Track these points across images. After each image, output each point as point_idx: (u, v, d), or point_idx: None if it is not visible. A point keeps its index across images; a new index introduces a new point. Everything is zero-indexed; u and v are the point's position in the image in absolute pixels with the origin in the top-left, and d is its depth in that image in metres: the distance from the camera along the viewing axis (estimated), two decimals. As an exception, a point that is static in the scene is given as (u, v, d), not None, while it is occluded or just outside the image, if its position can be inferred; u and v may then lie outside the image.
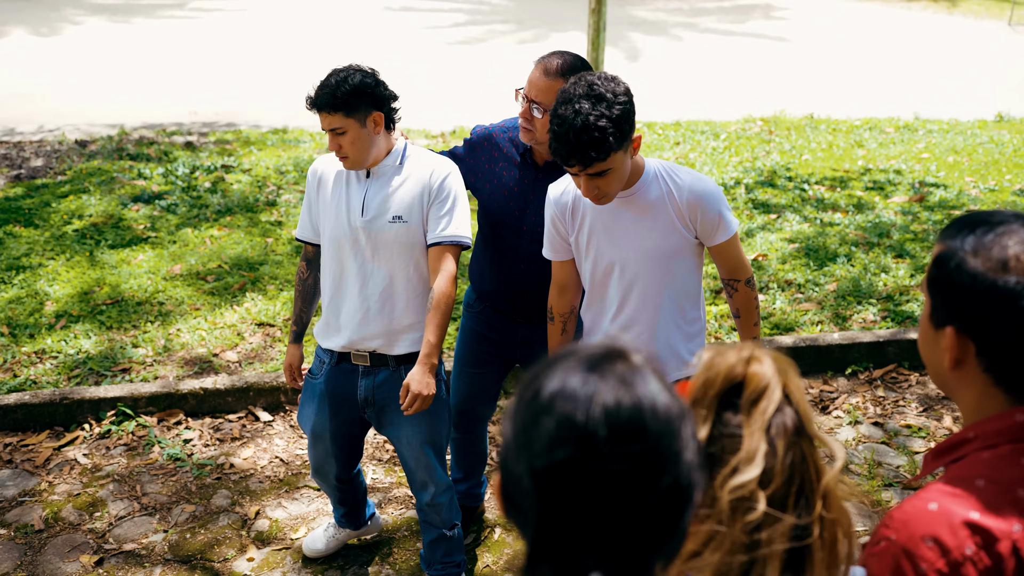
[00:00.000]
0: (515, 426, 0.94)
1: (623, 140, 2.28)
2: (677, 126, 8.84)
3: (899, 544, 1.17)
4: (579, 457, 0.88)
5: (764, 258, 5.69)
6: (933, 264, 1.29)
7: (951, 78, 11.61)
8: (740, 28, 15.41)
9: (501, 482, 0.97)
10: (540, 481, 0.89)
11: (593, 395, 0.90)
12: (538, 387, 0.93)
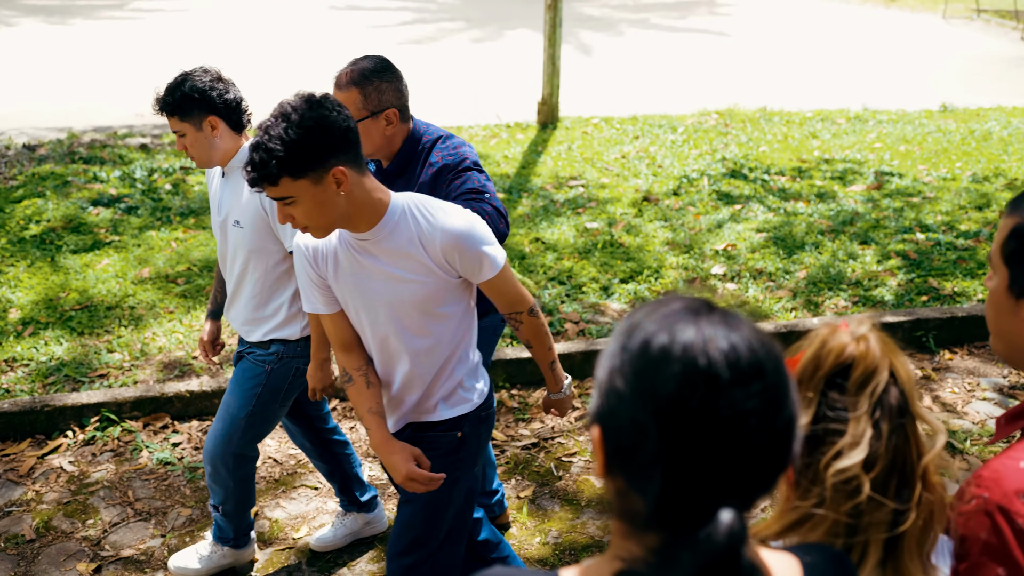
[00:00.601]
0: (630, 379, 0.95)
1: (299, 168, 2.03)
2: (634, 120, 8.92)
3: (993, 501, 1.20)
4: (709, 400, 0.91)
5: (734, 248, 5.78)
6: (1012, 237, 1.32)
7: (894, 70, 11.90)
8: (684, 24, 15.61)
9: (606, 434, 0.98)
10: (670, 428, 0.91)
11: (708, 340, 0.93)
12: (646, 339, 0.96)
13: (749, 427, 0.92)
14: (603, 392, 0.99)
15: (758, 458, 0.93)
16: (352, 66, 2.73)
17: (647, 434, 0.93)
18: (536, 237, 5.97)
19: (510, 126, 8.83)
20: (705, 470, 0.92)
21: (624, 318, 1.01)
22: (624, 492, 0.98)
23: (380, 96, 2.70)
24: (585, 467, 3.77)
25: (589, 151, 7.94)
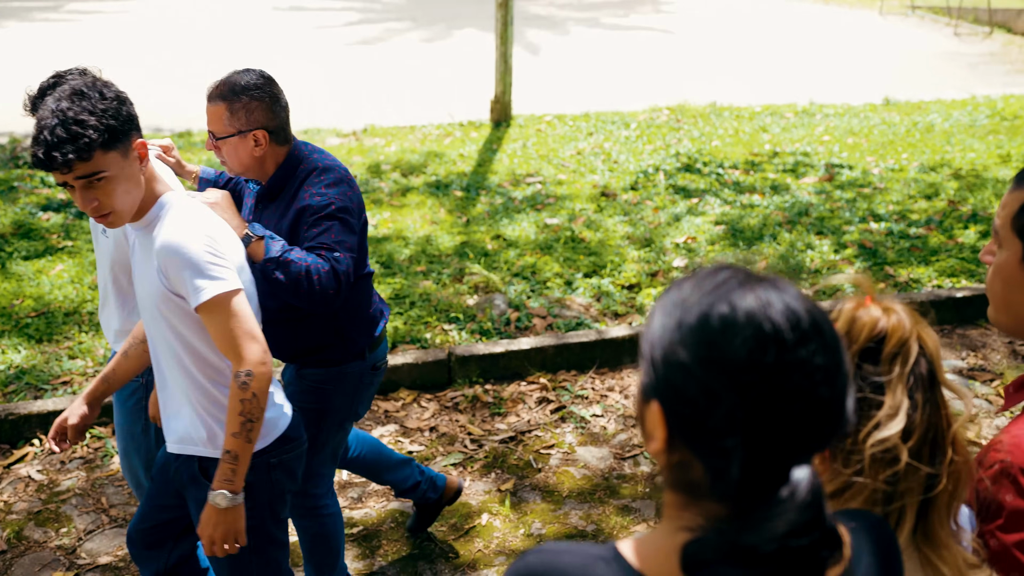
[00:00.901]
0: (696, 351, 0.97)
1: (113, 140, 2.01)
2: (587, 117, 8.98)
3: (1017, 464, 1.26)
4: (779, 361, 0.94)
5: (693, 240, 5.86)
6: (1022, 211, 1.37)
7: (837, 65, 12.15)
8: (629, 22, 15.75)
9: (669, 409, 0.99)
10: (745, 393, 0.94)
11: (767, 305, 0.96)
12: (705, 311, 0.98)
13: (816, 383, 0.95)
14: (660, 367, 1.00)
15: (824, 414, 0.96)
16: (225, 78, 2.57)
17: (720, 401, 0.95)
18: (497, 234, 5.99)
19: (463, 124, 8.82)
20: (780, 430, 0.95)
21: (666, 294, 1.03)
22: (685, 464, 1.00)
23: (248, 115, 2.53)
24: (563, 459, 3.80)
25: (544, 148, 7.97)
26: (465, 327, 4.72)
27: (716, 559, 0.95)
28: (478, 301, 5.02)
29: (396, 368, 4.22)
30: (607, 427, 4.01)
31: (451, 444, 3.88)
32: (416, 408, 4.12)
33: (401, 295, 5.09)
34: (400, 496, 3.23)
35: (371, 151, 7.85)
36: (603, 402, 4.19)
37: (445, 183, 7.03)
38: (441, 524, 3.40)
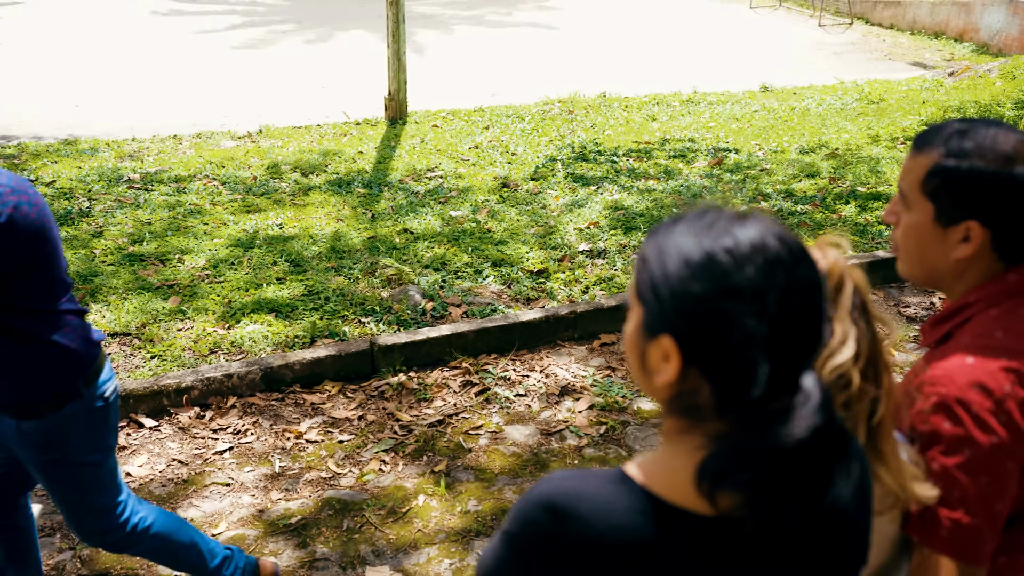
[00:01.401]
0: (710, 282, 1.07)
1: None
2: (481, 112, 9.12)
3: (951, 395, 1.41)
4: (787, 280, 1.06)
5: (596, 226, 6.06)
6: (932, 175, 1.52)
7: (716, 56, 12.62)
8: (513, 19, 15.96)
9: (683, 338, 1.08)
10: (762, 311, 1.05)
11: (764, 233, 1.08)
12: (710, 248, 1.08)
13: (814, 296, 1.08)
14: (671, 303, 1.09)
15: (821, 324, 1.09)
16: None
17: (738, 325, 1.04)
18: (404, 228, 6.06)
19: (359, 123, 8.85)
20: (794, 342, 1.06)
21: (654, 240, 1.13)
22: (692, 390, 1.09)
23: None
24: (492, 439, 3.92)
25: (442, 143, 8.07)
26: (382, 319, 4.79)
27: (733, 468, 1.05)
28: (392, 293, 5.09)
29: (319, 361, 4.26)
30: (531, 406, 4.15)
31: (380, 431, 3.95)
32: (342, 399, 4.18)
33: (314, 291, 5.12)
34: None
35: (268, 152, 7.80)
36: (525, 382, 4.32)
37: (347, 181, 7.05)
38: (378, 508, 3.48)
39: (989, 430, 1.39)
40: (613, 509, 1.12)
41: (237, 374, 4.14)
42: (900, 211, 1.60)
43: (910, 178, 1.55)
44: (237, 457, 3.79)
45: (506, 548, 1.19)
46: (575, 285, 5.25)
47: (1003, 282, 1.53)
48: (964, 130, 1.51)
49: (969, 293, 1.55)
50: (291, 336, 4.60)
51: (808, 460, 1.05)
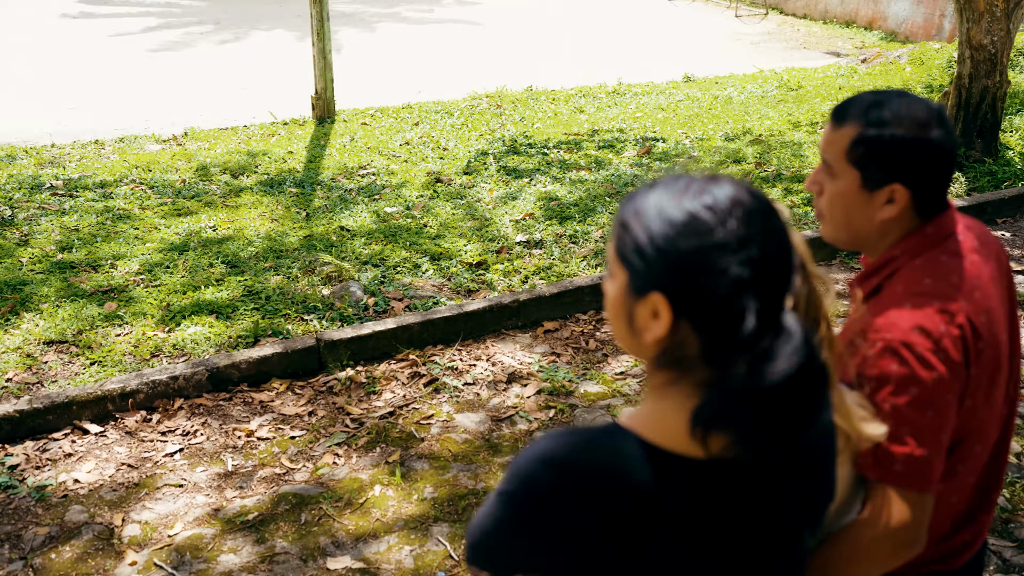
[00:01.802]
0: (696, 238, 1.14)
1: None
2: (410, 108, 9.12)
3: (896, 339, 1.54)
4: (765, 226, 1.15)
5: (531, 217, 6.14)
6: (857, 144, 1.63)
7: (638, 47, 12.81)
8: (435, 16, 15.95)
9: (673, 294, 1.15)
10: (746, 256, 1.13)
11: (737, 189, 1.17)
12: (692, 208, 1.15)
13: (786, 241, 1.17)
14: (659, 262, 1.16)
15: (792, 266, 1.19)
16: None
17: (725, 272, 1.12)
18: (340, 225, 6.05)
19: (287, 123, 8.77)
20: (775, 285, 1.15)
21: (631, 204, 1.21)
22: (680, 343, 1.17)
23: None
24: (443, 428, 3.96)
25: (372, 140, 8.06)
26: (325, 316, 4.79)
27: (726, 408, 1.12)
28: (333, 290, 5.09)
29: (265, 359, 4.25)
30: (480, 394, 4.21)
31: (332, 426, 3.96)
32: (291, 396, 4.18)
33: (254, 291, 5.09)
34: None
35: (196, 155, 7.69)
36: (472, 371, 4.38)
37: (278, 181, 7.00)
38: (335, 501, 3.50)
39: (931, 368, 1.52)
40: (611, 459, 1.17)
41: (183, 376, 4.11)
42: (824, 180, 1.70)
43: (834, 149, 1.66)
44: (188, 458, 3.77)
45: (505, 508, 1.22)
46: (514, 275, 5.32)
47: (923, 235, 1.67)
48: (879, 101, 1.63)
49: (893, 248, 1.68)
50: (234, 336, 4.57)
51: (795, 393, 1.13)
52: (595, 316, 4.96)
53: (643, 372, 4.42)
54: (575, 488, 1.16)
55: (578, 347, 4.65)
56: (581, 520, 1.16)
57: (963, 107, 6.15)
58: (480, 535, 1.27)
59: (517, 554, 1.24)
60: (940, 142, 1.61)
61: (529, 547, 1.21)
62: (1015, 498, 3.54)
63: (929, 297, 1.58)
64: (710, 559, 1.20)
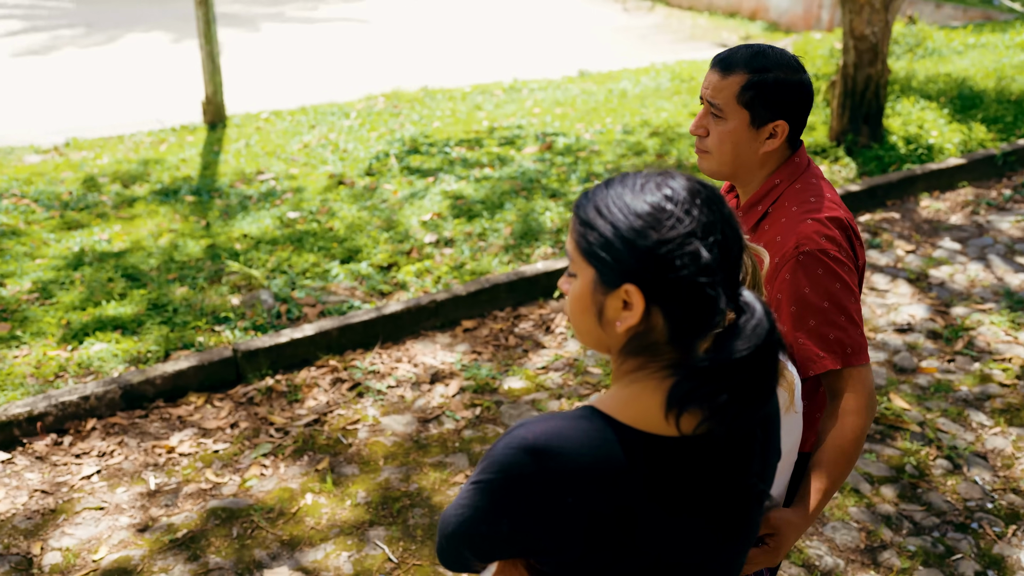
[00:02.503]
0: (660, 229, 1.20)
1: None
2: (305, 111, 8.97)
3: (812, 249, 1.84)
4: (721, 214, 1.24)
5: (439, 216, 6.12)
6: (746, 88, 1.89)
7: (529, 43, 12.91)
8: (320, 14, 15.72)
9: (647, 284, 1.21)
10: (708, 242, 1.20)
11: (689, 181, 1.25)
12: (654, 201, 1.22)
13: (736, 221, 1.26)
14: (628, 253, 1.21)
15: (743, 243, 1.27)
16: None
17: (695, 256, 1.19)
18: (243, 233, 5.92)
19: (176, 129, 8.52)
20: (732, 264, 1.23)
21: (588, 203, 1.26)
22: (649, 329, 1.24)
23: None
24: (371, 431, 3.93)
25: (269, 145, 7.90)
26: (237, 325, 4.69)
27: (698, 386, 1.19)
28: (243, 299, 4.98)
29: (181, 373, 4.13)
30: (404, 395, 4.18)
31: (256, 436, 3.88)
32: (210, 409, 4.07)
33: (159, 304, 4.94)
34: None
35: (81, 165, 7.40)
36: (395, 373, 4.35)
37: (173, 189, 6.80)
38: (267, 512, 3.43)
39: (842, 263, 1.84)
40: (588, 441, 1.22)
41: (94, 395, 3.96)
42: (709, 123, 1.97)
43: (724, 94, 1.91)
44: (107, 479, 3.63)
45: (483, 496, 1.24)
46: (427, 276, 5.30)
47: (793, 163, 1.99)
48: (759, 51, 1.91)
49: (773, 176, 1.98)
50: (143, 351, 4.43)
51: (761, 364, 1.21)
52: (512, 313, 4.99)
53: (565, 366, 4.47)
54: (553, 472, 1.20)
55: (498, 344, 4.67)
56: (564, 503, 1.20)
57: (849, 95, 6.42)
58: (457, 524, 1.29)
59: (496, 541, 1.27)
60: (808, 83, 1.93)
61: (510, 533, 1.24)
62: (921, 464, 3.73)
63: (818, 210, 1.90)
64: (690, 528, 1.26)
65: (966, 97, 7.90)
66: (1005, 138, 7.20)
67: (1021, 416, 4.02)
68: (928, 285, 5.27)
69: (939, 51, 9.84)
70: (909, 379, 4.31)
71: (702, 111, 1.97)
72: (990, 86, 8.22)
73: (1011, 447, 3.81)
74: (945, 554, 3.26)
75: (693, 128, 1.98)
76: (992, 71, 8.68)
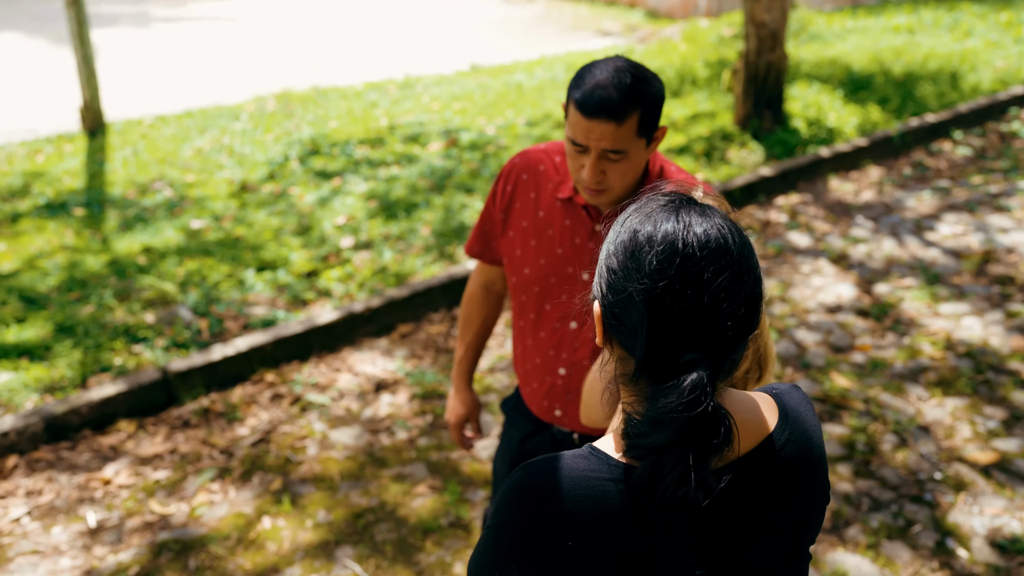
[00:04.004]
0: (621, 260, 1.18)
1: None
2: (192, 115, 8.59)
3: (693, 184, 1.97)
4: (683, 274, 1.13)
5: (353, 219, 5.95)
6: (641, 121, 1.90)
7: (415, 37, 12.73)
8: (187, 12, 15.12)
9: (604, 308, 1.20)
10: (652, 296, 1.13)
11: (686, 228, 1.16)
12: (635, 229, 1.18)
13: (717, 296, 1.14)
14: (602, 275, 1.20)
15: (723, 323, 1.15)
16: None
17: (634, 303, 1.14)
18: (144, 246, 5.61)
19: (52, 139, 8.02)
20: (678, 332, 1.14)
21: (620, 213, 1.23)
22: (622, 358, 1.21)
23: None
24: (321, 446, 3.76)
25: (158, 152, 7.53)
26: (156, 344, 4.42)
27: (641, 431, 1.14)
28: (159, 316, 4.71)
29: (108, 400, 3.86)
30: (350, 407, 4.03)
31: (199, 461, 3.66)
32: (144, 435, 3.82)
33: (65, 327, 4.61)
34: None
35: (-48, 181, 6.87)
36: (336, 385, 4.19)
37: (60, 203, 6.39)
38: (223, 540, 3.23)
39: None
40: (582, 480, 1.19)
41: (13, 429, 3.65)
42: (606, 166, 1.92)
43: (624, 139, 1.88)
44: (39, 519, 3.36)
45: (491, 542, 1.23)
46: (350, 281, 5.14)
47: (655, 151, 2.09)
48: (633, 81, 1.87)
49: (652, 168, 2.06)
50: (57, 378, 4.12)
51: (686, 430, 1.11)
52: (447, 315, 4.88)
53: (509, 366, 4.40)
54: (551, 517, 1.18)
55: (439, 348, 4.55)
56: (564, 546, 1.18)
57: (752, 81, 6.57)
58: (474, 570, 1.27)
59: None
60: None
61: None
62: (871, 440, 3.83)
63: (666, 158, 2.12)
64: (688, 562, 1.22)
65: (856, 80, 8.20)
66: (898, 118, 7.51)
67: (955, 387, 4.18)
68: (849, 264, 5.43)
69: (822, 36, 10.20)
70: (846, 357, 4.43)
71: (593, 160, 1.90)
72: (875, 69, 8.57)
73: (949, 417, 3.96)
74: (905, 527, 3.35)
75: (592, 181, 1.92)
76: (873, 54, 9.05)
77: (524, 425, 2.29)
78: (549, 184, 2.14)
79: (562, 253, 2.10)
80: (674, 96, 8.23)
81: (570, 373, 2.14)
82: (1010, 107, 8.03)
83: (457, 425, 2.49)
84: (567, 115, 1.95)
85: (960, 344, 4.50)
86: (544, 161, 2.17)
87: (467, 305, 2.41)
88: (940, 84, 8.25)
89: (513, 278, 2.20)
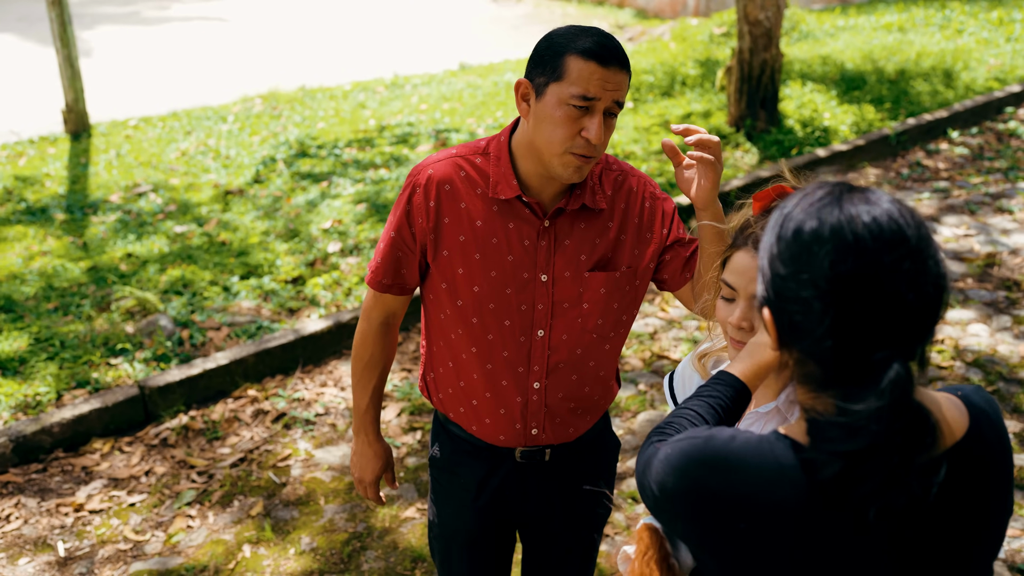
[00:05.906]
0: (789, 264, 1.09)
1: None
2: (177, 116, 8.42)
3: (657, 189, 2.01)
4: (860, 269, 1.05)
5: (340, 223, 5.79)
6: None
7: (403, 38, 12.57)
8: (175, 13, 14.93)
9: (776, 314, 1.12)
10: (832, 299, 1.05)
11: (852, 218, 1.07)
12: (798, 227, 1.10)
13: (900, 287, 1.05)
14: (767, 279, 1.12)
15: (912, 313, 1.06)
16: None
17: (812, 307, 1.06)
18: (127, 252, 5.45)
19: (35, 141, 7.84)
20: (867, 330, 1.05)
21: (777, 210, 1.13)
22: (801, 360, 1.12)
23: None
24: (305, 467, 3.61)
25: (143, 154, 7.36)
26: (135, 357, 4.26)
27: (832, 436, 1.08)
28: (139, 327, 4.55)
29: (81, 418, 3.70)
30: (336, 424, 3.87)
31: (177, 483, 3.50)
32: (119, 455, 3.66)
33: (42, 339, 4.45)
34: None
35: (-71, 185, 6.70)
36: (321, 400, 4.03)
37: (41, 208, 6.23)
38: (200, 571, 3.08)
39: None
40: (767, 466, 1.14)
41: (-18, 451, 3.49)
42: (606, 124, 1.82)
43: (625, 86, 1.80)
44: (5, 549, 3.20)
45: (661, 494, 1.20)
46: (336, 288, 4.98)
47: None
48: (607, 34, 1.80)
49: None
50: (31, 395, 3.96)
51: (882, 437, 1.06)
52: (436, 323, 4.73)
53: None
54: (736, 492, 1.14)
55: (427, 358, 4.40)
56: (736, 528, 1.14)
57: (746, 80, 6.42)
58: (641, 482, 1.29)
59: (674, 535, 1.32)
60: None
61: (683, 535, 1.24)
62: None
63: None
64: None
65: (849, 79, 8.06)
66: (893, 117, 7.38)
67: (962, 397, 4.04)
68: (848, 269, 5.29)
69: (813, 34, 10.06)
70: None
71: (599, 119, 1.76)
72: (868, 68, 8.43)
73: (957, 429, 3.82)
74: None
75: (602, 136, 1.77)
76: (865, 53, 8.91)
77: (477, 465, 2.06)
78: (477, 189, 1.90)
79: (513, 260, 1.90)
80: (665, 96, 8.08)
81: (544, 386, 1.96)
82: (1006, 106, 7.90)
83: (375, 482, 2.23)
84: (561, 75, 1.77)
85: (968, 352, 4.37)
86: (462, 166, 1.92)
87: (366, 346, 2.08)
88: (934, 83, 8.12)
89: (459, 301, 1.93)
